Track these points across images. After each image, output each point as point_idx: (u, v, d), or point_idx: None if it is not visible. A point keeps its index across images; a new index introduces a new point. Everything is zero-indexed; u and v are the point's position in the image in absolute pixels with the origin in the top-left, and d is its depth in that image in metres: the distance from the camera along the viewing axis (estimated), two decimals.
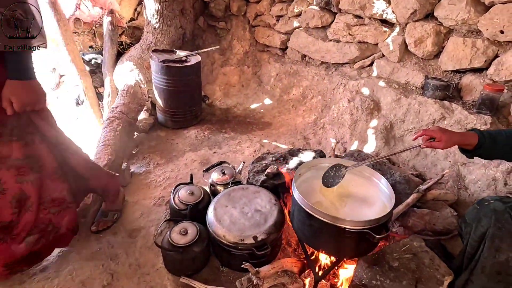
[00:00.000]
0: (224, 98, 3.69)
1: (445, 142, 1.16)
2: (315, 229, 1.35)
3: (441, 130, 1.18)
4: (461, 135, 1.18)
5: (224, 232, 1.48)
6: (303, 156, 2.08)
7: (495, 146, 1.15)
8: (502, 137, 1.14)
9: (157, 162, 2.54)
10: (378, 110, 2.43)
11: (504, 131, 1.18)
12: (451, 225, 1.50)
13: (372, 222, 1.23)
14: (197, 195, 1.85)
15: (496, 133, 1.16)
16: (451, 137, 1.16)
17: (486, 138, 1.15)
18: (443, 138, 1.16)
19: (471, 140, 1.15)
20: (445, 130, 1.18)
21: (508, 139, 1.14)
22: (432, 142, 1.19)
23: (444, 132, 1.17)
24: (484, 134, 1.15)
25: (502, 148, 1.16)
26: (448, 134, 1.16)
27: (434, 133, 1.18)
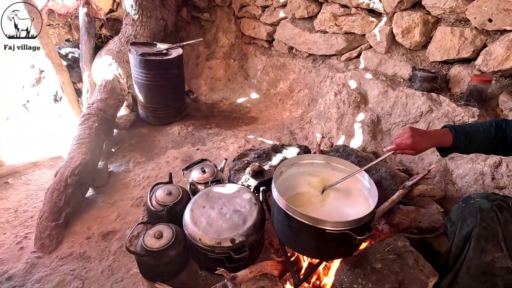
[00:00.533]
0: (209, 93, 3.58)
1: (417, 150, 1.11)
2: (294, 230, 1.28)
3: (413, 138, 1.09)
4: (434, 138, 1.10)
5: (200, 235, 1.40)
6: (287, 153, 2.00)
7: (470, 144, 1.09)
8: (479, 135, 1.07)
9: (137, 161, 2.43)
10: (365, 103, 2.36)
11: (481, 125, 1.10)
12: (437, 222, 1.44)
13: (353, 223, 1.16)
14: (175, 195, 1.76)
15: (473, 129, 1.08)
16: (423, 143, 1.09)
17: (461, 138, 1.07)
18: (415, 147, 1.09)
19: (445, 142, 1.09)
20: (416, 137, 1.09)
21: (486, 136, 1.07)
22: (405, 150, 1.12)
23: (416, 142, 1.08)
24: (458, 133, 1.08)
25: (480, 146, 1.10)
26: (419, 141, 1.08)
27: (405, 146, 1.10)
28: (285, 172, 1.56)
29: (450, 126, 1.12)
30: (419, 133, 1.09)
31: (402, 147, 1.11)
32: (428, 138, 1.09)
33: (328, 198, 1.39)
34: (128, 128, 2.84)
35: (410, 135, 1.09)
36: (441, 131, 1.12)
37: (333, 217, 1.28)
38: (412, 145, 1.08)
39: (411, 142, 1.08)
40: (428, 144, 1.09)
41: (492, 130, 1.08)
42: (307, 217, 1.18)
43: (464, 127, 1.10)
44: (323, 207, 1.35)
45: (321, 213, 1.30)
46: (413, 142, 1.08)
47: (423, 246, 1.45)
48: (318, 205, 1.36)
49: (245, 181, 1.78)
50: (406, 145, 1.09)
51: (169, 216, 1.66)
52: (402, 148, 1.11)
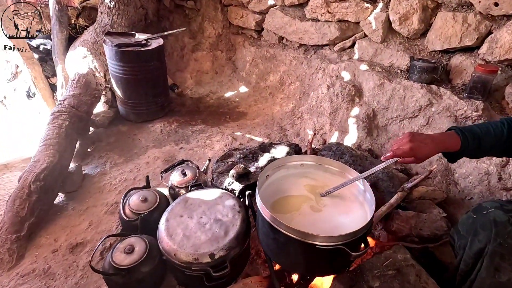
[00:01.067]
0: (195, 87, 3.38)
1: (419, 158, 0.96)
2: (280, 244, 1.12)
3: (412, 143, 0.94)
4: (438, 143, 0.95)
5: (175, 250, 1.24)
6: (275, 152, 1.84)
7: (479, 147, 0.95)
8: (489, 136, 0.94)
9: (115, 162, 2.25)
10: (360, 97, 2.20)
11: (491, 125, 0.95)
12: (440, 229, 1.30)
13: (348, 237, 1.01)
14: (151, 202, 1.59)
15: (482, 130, 0.95)
16: (424, 149, 0.94)
17: (470, 140, 0.94)
18: (415, 154, 0.95)
19: (451, 146, 0.95)
20: (415, 142, 0.94)
21: (497, 138, 0.93)
22: (405, 158, 0.98)
23: (416, 148, 0.94)
24: (466, 135, 0.94)
25: (491, 149, 0.95)
26: (419, 147, 0.94)
27: (404, 152, 0.96)
28: (272, 175, 1.41)
29: (456, 128, 0.97)
30: (419, 138, 0.95)
31: (400, 154, 0.96)
32: (430, 143, 0.94)
33: (319, 205, 1.24)
34: (106, 125, 2.64)
35: (408, 140, 0.95)
36: (445, 134, 0.98)
37: (324, 226, 1.13)
38: (412, 151, 0.94)
39: (410, 148, 0.93)
40: (432, 149, 0.95)
41: (505, 131, 0.93)
42: (294, 231, 1.03)
43: (472, 129, 0.95)
44: (313, 215, 1.20)
45: (311, 223, 1.16)
46: (412, 148, 0.93)
47: (424, 256, 1.31)
48: (307, 212, 1.21)
49: (228, 185, 1.62)
50: (404, 152, 0.95)
51: (143, 226, 1.49)
52: (400, 155, 0.97)
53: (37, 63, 2.88)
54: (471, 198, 1.52)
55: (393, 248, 1.19)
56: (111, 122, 2.70)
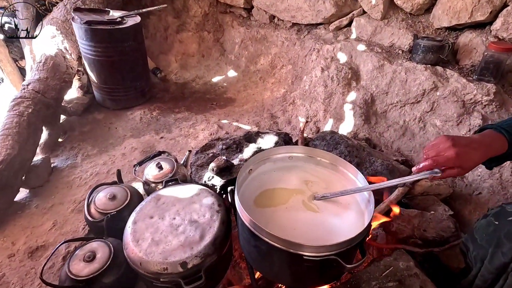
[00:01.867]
0: (181, 71, 3.14)
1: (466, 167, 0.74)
2: (262, 252, 0.96)
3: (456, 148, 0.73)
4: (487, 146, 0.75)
5: (140, 258, 1.06)
6: (262, 142, 1.65)
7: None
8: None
9: (87, 153, 2.05)
10: (357, 80, 2.00)
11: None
12: (447, 231, 1.14)
13: (341, 246, 0.84)
14: (120, 200, 1.41)
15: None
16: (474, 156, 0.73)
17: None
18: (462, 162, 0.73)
19: (498, 148, 0.75)
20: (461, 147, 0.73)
21: None
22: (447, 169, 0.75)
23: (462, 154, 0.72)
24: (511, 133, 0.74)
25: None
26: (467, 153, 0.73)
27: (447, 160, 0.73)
28: (256, 170, 1.23)
29: (491, 126, 0.78)
30: (463, 142, 0.74)
31: (442, 162, 0.74)
32: (478, 147, 0.74)
33: (309, 201, 1.07)
34: (80, 113, 2.42)
35: (451, 145, 0.73)
36: (488, 135, 0.77)
37: (314, 229, 0.97)
38: (458, 159, 0.72)
39: (456, 154, 0.72)
40: (481, 155, 0.74)
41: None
42: (278, 239, 0.86)
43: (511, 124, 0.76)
44: (302, 212, 1.03)
45: (299, 223, 0.99)
46: (458, 155, 0.72)
47: (428, 261, 1.15)
48: (295, 208, 1.04)
49: (208, 179, 1.43)
50: (448, 160, 0.73)
51: (110, 228, 1.31)
52: (442, 164, 0.74)
53: (3, 45, 2.61)
54: (480, 193, 1.36)
55: (393, 254, 1.03)
56: (86, 110, 2.47)
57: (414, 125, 1.73)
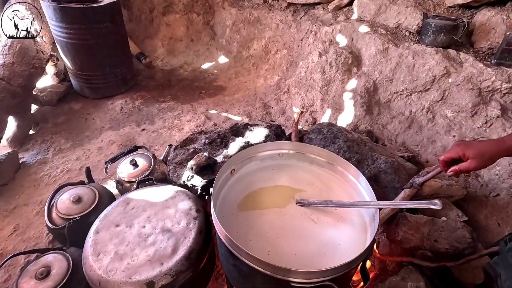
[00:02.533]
0: (167, 57, 2.91)
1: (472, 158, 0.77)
2: (243, 273, 0.78)
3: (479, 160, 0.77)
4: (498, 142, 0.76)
5: (100, 276, 0.90)
6: (251, 136, 1.47)
7: None
8: None
9: (60, 147, 1.86)
10: (358, 66, 1.81)
11: None
12: (462, 241, 0.98)
13: (337, 271, 0.68)
14: (86, 203, 1.24)
15: None
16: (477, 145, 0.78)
17: None
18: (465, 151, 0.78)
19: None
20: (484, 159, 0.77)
21: None
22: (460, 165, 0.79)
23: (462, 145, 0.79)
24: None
25: None
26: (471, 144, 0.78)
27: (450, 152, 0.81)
28: (240, 170, 1.05)
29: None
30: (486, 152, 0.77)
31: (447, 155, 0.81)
32: (486, 141, 0.77)
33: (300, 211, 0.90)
34: (55, 103, 2.22)
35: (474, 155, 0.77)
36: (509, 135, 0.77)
37: (303, 242, 0.81)
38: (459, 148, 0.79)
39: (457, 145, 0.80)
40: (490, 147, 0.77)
41: None
42: (259, 262, 0.69)
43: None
44: (289, 222, 0.86)
45: (285, 235, 0.83)
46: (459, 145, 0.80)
47: (439, 276, 0.99)
48: (281, 218, 0.87)
49: (187, 179, 1.26)
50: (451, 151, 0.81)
51: (73, 236, 1.14)
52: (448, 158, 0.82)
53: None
54: (498, 194, 1.20)
55: (401, 272, 0.86)
56: (61, 99, 2.27)
57: (422, 116, 1.55)
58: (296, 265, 0.74)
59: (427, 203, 0.71)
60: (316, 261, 0.76)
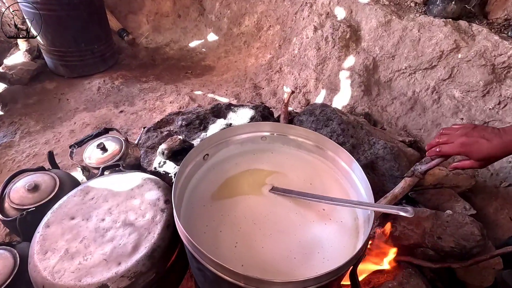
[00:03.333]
0: (153, 34, 2.71)
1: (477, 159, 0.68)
2: (209, 280, 0.65)
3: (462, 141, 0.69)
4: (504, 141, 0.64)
5: (44, 279, 0.77)
6: (235, 117, 1.32)
7: None
8: None
9: (29, 129, 1.70)
10: (357, 41, 1.63)
11: None
12: (470, 239, 0.85)
13: (320, 280, 0.54)
14: (44, 192, 1.11)
15: None
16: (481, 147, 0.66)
17: None
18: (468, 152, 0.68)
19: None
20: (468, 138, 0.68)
21: None
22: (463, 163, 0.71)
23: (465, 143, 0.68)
24: None
25: None
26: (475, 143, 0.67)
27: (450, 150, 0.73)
28: (215, 155, 0.91)
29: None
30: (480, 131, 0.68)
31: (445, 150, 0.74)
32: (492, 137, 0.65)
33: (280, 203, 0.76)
34: (27, 82, 2.04)
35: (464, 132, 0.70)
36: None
37: (280, 239, 0.68)
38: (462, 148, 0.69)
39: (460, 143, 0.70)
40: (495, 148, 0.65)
41: None
42: (225, 269, 0.55)
43: None
44: (266, 216, 0.72)
45: (260, 232, 0.70)
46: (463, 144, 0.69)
47: (441, 278, 0.87)
48: (258, 212, 0.73)
49: (159, 165, 1.11)
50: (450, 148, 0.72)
51: (27, 229, 1.01)
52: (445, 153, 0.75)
53: None
54: (510, 184, 1.06)
55: (399, 275, 0.74)
56: (34, 78, 2.09)
57: (426, 96, 1.39)
58: (268, 267, 0.61)
59: (398, 208, 0.60)
60: (294, 263, 0.63)
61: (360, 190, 0.77)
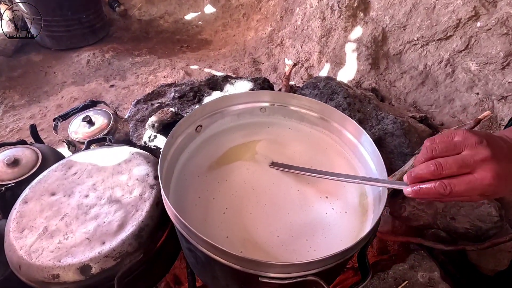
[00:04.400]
0: (146, 5, 2.55)
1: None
2: (200, 261, 0.58)
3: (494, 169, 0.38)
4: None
5: (20, 258, 0.70)
6: (232, 90, 1.22)
7: None
8: None
9: (13, 103, 1.61)
10: (366, 10, 1.51)
11: None
12: (486, 220, 0.78)
13: (326, 263, 0.47)
14: (25, 167, 1.03)
15: None
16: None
17: None
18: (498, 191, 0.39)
19: None
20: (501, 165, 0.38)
21: None
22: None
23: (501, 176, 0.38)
24: None
25: None
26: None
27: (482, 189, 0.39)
28: (209, 127, 0.82)
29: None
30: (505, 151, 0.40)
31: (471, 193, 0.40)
32: None
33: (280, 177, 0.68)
34: (11, 53, 1.92)
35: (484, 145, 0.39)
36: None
37: (280, 217, 0.61)
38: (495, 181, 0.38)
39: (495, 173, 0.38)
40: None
41: None
42: (217, 250, 0.48)
43: None
44: (265, 192, 0.65)
45: (255, 206, 0.63)
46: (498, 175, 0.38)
47: (453, 261, 0.81)
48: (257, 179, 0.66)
49: (149, 140, 1.03)
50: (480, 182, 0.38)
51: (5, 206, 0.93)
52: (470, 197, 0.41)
53: None
54: None
55: (409, 258, 0.67)
56: (19, 49, 1.97)
57: (439, 70, 1.29)
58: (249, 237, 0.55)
59: (400, 183, 0.48)
60: (274, 241, 0.56)
61: (369, 165, 0.69)
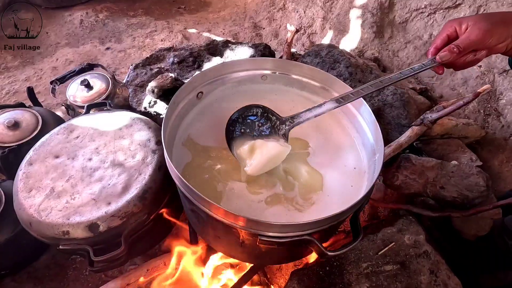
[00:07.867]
0: None
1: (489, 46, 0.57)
2: (203, 221, 0.63)
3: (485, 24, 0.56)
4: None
5: (30, 216, 0.74)
6: (232, 56, 1.20)
7: None
8: None
9: (6, 65, 1.57)
10: None
11: None
12: (474, 189, 0.83)
13: (320, 224, 0.51)
14: (26, 129, 1.05)
15: None
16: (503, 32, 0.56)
17: None
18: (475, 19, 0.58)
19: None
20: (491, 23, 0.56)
21: None
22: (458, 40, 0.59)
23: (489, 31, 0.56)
24: None
25: None
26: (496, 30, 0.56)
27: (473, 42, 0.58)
28: (210, 94, 0.82)
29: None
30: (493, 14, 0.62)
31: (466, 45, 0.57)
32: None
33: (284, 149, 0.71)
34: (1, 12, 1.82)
35: (475, 20, 0.57)
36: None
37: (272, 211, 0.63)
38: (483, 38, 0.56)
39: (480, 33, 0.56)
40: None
41: None
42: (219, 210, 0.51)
43: None
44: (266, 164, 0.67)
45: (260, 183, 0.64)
46: (484, 33, 0.56)
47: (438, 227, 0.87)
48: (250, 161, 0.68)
49: (149, 105, 1.03)
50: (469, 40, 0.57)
51: (10, 168, 0.96)
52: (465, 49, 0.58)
53: None
54: None
55: (398, 222, 0.72)
56: (6, 7, 1.87)
57: None
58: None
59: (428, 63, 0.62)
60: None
61: (367, 134, 0.72)
